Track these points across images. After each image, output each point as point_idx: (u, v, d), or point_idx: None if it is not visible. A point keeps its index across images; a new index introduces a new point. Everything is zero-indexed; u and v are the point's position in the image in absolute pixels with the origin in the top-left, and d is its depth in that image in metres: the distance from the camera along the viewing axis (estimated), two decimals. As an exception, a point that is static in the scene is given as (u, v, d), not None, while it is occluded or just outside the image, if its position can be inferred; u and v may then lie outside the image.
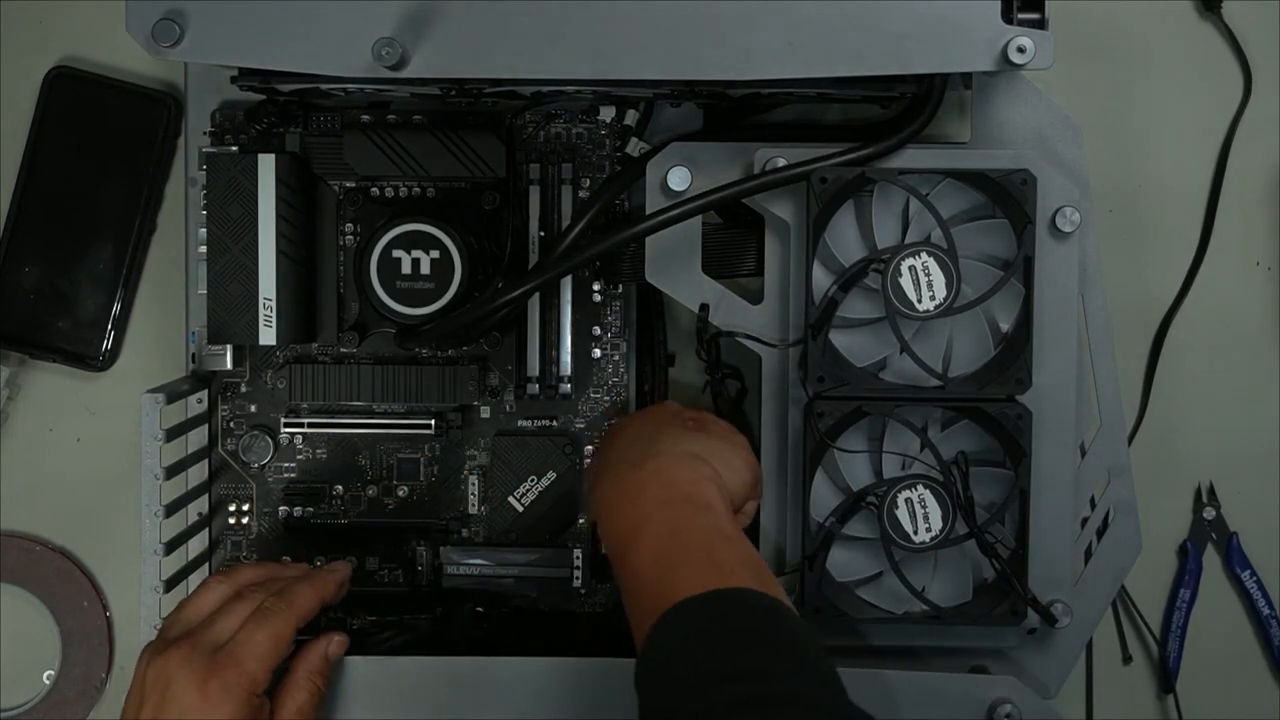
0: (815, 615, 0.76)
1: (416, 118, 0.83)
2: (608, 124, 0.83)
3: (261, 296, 0.79)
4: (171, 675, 0.68)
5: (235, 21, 0.69)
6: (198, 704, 0.67)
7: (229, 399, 0.85)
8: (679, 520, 0.67)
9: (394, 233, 0.79)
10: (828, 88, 0.74)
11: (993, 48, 0.69)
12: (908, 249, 0.74)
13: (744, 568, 0.65)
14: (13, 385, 0.89)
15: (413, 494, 0.85)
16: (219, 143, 0.83)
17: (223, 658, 0.68)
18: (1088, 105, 0.85)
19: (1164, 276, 0.89)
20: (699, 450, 0.72)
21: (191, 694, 0.67)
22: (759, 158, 0.77)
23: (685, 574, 0.64)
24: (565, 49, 0.69)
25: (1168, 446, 0.89)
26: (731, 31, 0.69)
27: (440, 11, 0.68)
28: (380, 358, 0.83)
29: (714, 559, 0.65)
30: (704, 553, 0.65)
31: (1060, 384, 0.78)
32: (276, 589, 0.72)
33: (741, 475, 0.73)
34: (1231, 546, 0.89)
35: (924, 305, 0.74)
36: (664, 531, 0.67)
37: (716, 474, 0.71)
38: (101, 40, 0.88)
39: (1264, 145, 0.88)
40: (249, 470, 0.85)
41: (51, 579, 0.90)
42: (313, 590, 0.73)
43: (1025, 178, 0.75)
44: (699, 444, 0.73)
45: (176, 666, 0.68)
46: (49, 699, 0.90)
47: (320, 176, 0.83)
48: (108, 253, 0.88)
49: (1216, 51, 0.88)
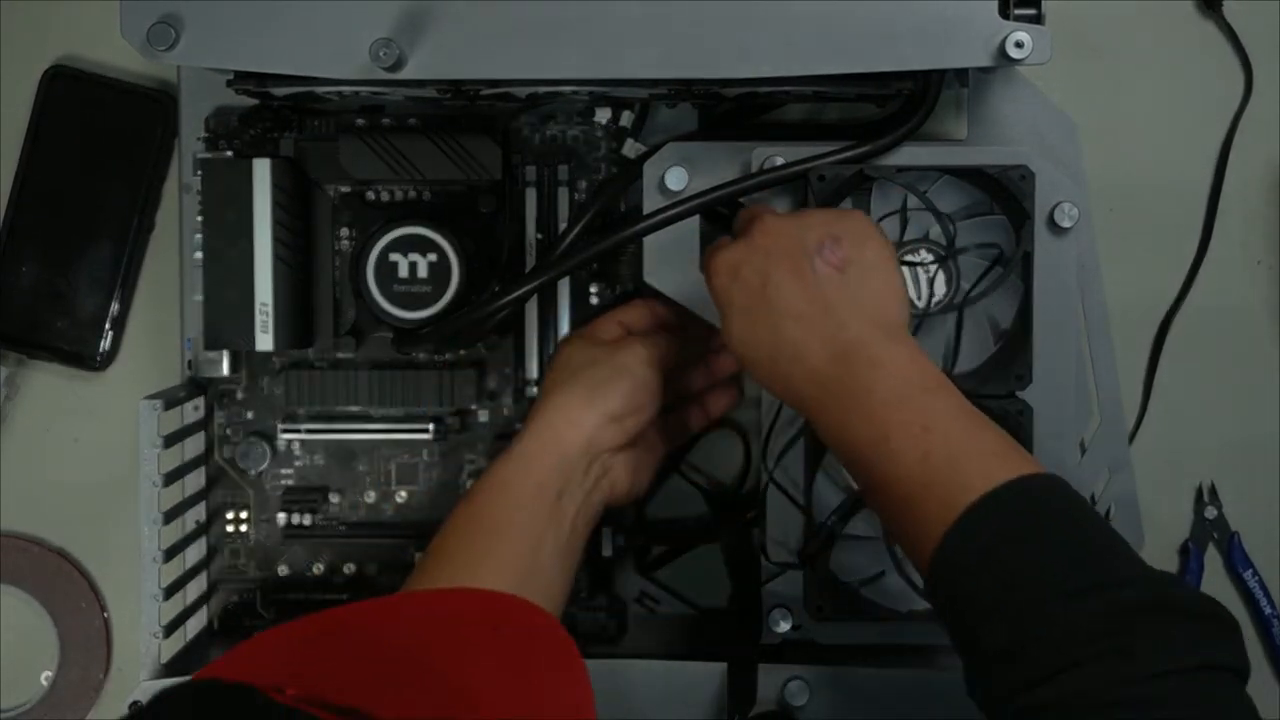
0: (818, 614, 0.76)
1: (411, 121, 0.82)
2: (604, 125, 0.83)
3: (258, 302, 0.79)
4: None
5: (231, 24, 0.69)
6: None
7: (226, 405, 0.84)
8: (925, 413, 0.63)
9: (390, 236, 0.79)
10: (824, 86, 0.74)
11: (990, 43, 0.68)
12: (907, 246, 0.74)
13: (1012, 450, 0.62)
14: (10, 385, 0.89)
15: (411, 499, 0.85)
16: (213, 148, 0.82)
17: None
18: (1088, 104, 0.85)
19: (1164, 276, 0.89)
20: (881, 310, 0.66)
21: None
22: (756, 156, 0.76)
23: (960, 474, 0.60)
24: (562, 49, 0.69)
25: (1168, 446, 0.88)
26: (728, 29, 0.68)
27: (437, 12, 0.68)
28: (377, 362, 0.83)
29: (982, 447, 0.62)
30: (969, 444, 0.62)
31: (1060, 380, 0.78)
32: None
33: (906, 298, 0.68)
34: (1233, 546, 0.89)
35: (923, 302, 0.74)
36: (915, 433, 0.62)
37: (906, 325, 0.67)
38: (99, 39, 0.88)
39: (1264, 145, 0.88)
40: (246, 477, 0.85)
41: (49, 580, 0.89)
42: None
43: (1023, 173, 0.75)
44: (872, 297, 0.66)
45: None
46: (47, 700, 0.89)
47: (315, 181, 0.83)
48: (106, 252, 0.88)
49: (1216, 50, 0.88)
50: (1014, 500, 0.59)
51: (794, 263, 0.67)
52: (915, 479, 0.62)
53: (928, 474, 0.61)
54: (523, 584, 0.68)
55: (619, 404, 0.73)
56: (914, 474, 0.62)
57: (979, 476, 0.60)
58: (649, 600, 0.86)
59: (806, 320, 0.66)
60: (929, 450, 0.62)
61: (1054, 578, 0.57)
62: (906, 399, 0.64)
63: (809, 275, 0.66)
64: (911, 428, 0.62)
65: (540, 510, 0.71)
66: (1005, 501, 0.59)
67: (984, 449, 0.62)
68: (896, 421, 0.63)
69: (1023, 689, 0.55)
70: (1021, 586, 0.57)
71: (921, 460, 0.62)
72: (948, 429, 0.63)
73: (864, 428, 0.64)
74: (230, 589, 0.85)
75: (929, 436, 0.62)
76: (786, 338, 0.66)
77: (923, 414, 0.63)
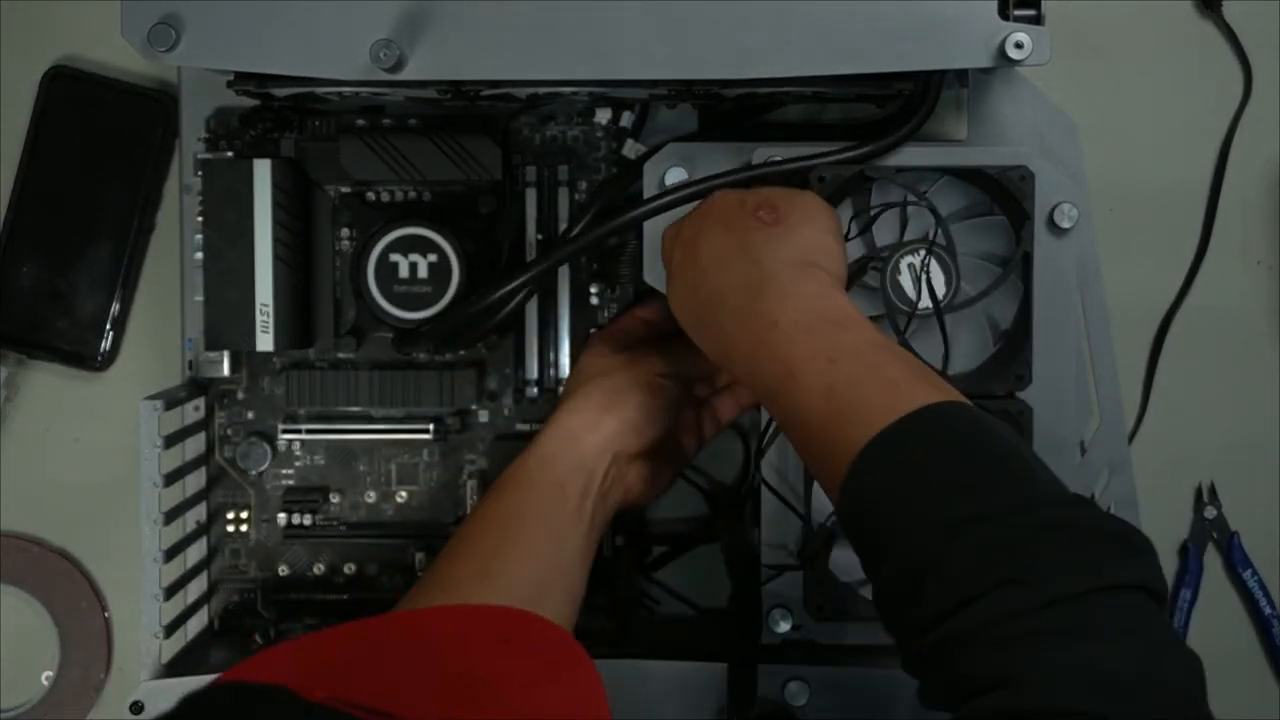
0: (818, 614, 0.76)
1: (411, 121, 0.82)
2: (604, 126, 0.83)
3: (258, 302, 0.79)
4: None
5: (232, 25, 0.68)
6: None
7: (226, 406, 0.84)
8: (830, 346, 0.62)
9: (391, 237, 0.79)
10: (824, 86, 0.74)
11: (990, 44, 0.68)
12: (907, 247, 0.74)
13: (919, 381, 0.60)
14: (11, 385, 0.89)
15: (412, 499, 0.85)
16: (214, 148, 0.82)
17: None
18: (1088, 105, 0.84)
19: (1164, 276, 0.89)
20: (800, 252, 0.67)
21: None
22: (756, 157, 0.76)
23: (863, 406, 0.59)
24: (562, 49, 0.68)
25: (1168, 446, 0.88)
26: (728, 30, 0.68)
27: (437, 13, 0.68)
28: (378, 363, 0.83)
29: (886, 378, 0.60)
30: (873, 375, 0.60)
31: (1060, 380, 0.77)
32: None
33: (838, 256, 0.69)
34: (1232, 546, 0.89)
35: (924, 302, 0.74)
36: (820, 365, 0.61)
37: (828, 272, 0.66)
38: (100, 39, 0.88)
39: (1264, 145, 0.88)
40: (247, 477, 0.85)
41: (50, 580, 0.90)
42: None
43: (1023, 174, 0.75)
44: (794, 243, 0.67)
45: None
46: (47, 700, 0.89)
47: (316, 181, 0.83)
48: (106, 252, 0.88)
49: (1216, 50, 0.88)
50: (914, 432, 0.57)
51: (726, 220, 0.68)
52: (820, 413, 0.60)
53: (832, 408, 0.60)
54: (548, 578, 0.69)
55: (637, 413, 0.74)
56: (819, 409, 0.60)
57: (881, 410, 0.58)
58: (649, 600, 0.86)
59: (727, 264, 0.67)
60: (833, 384, 0.60)
61: (951, 508, 0.54)
62: (811, 331, 0.63)
63: (738, 228, 0.67)
64: (816, 360, 0.61)
65: (564, 507, 0.72)
66: (904, 434, 0.57)
67: (889, 380, 0.60)
68: (801, 355, 0.62)
69: (927, 627, 0.53)
70: (919, 520, 0.55)
71: (826, 394, 0.60)
72: (853, 361, 0.61)
73: (771, 363, 0.63)
74: (231, 589, 0.85)
75: (834, 369, 0.61)
76: (707, 283, 0.67)
77: (828, 347, 0.62)
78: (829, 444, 0.60)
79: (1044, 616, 0.50)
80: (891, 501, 0.57)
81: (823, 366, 0.61)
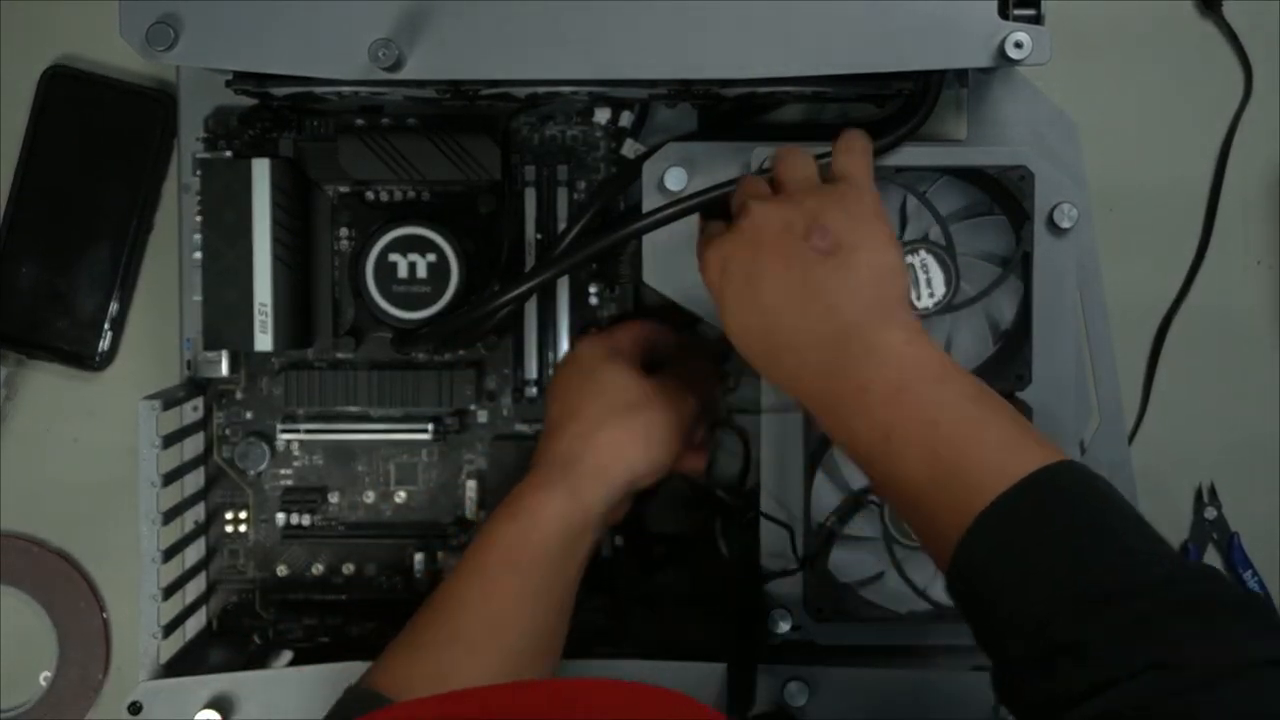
0: (818, 615, 0.76)
1: (411, 121, 0.82)
2: (603, 126, 0.83)
3: (257, 302, 0.79)
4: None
5: (230, 24, 0.68)
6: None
7: (225, 406, 0.84)
8: (929, 406, 0.59)
9: (390, 237, 0.79)
10: (824, 86, 0.74)
11: (990, 43, 0.68)
12: (906, 246, 0.74)
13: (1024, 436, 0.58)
14: (10, 385, 0.89)
15: (411, 499, 0.85)
16: (212, 148, 0.82)
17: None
18: (1088, 104, 0.84)
19: (1164, 276, 0.89)
20: (872, 288, 0.63)
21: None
22: (756, 156, 0.76)
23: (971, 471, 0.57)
24: (562, 49, 0.68)
25: (1168, 446, 0.88)
26: (728, 30, 0.68)
27: (437, 12, 0.68)
28: (376, 363, 0.83)
29: (992, 439, 0.58)
30: (977, 436, 0.58)
31: (1060, 380, 0.77)
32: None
33: (900, 267, 0.65)
34: (1233, 546, 0.89)
35: (923, 303, 0.74)
36: (919, 430, 0.59)
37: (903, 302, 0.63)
38: (99, 39, 0.88)
39: (1264, 145, 0.88)
40: (245, 477, 0.85)
41: (49, 580, 0.90)
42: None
43: (1023, 174, 0.75)
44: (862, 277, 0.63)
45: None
46: (46, 700, 0.89)
47: (315, 181, 0.83)
48: (105, 252, 0.88)
49: (1216, 51, 0.88)
50: (1030, 499, 0.56)
51: (781, 251, 0.64)
52: (923, 479, 0.58)
53: (936, 474, 0.58)
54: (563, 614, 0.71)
55: (666, 455, 0.73)
56: (921, 474, 0.58)
57: (992, 474, 0.56)
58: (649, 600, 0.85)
59: (797, 309, 0.63)
60: (935, 448, 0.58)
61: (1080, 583, 0.53)
62: (906, 389, 0.60)
63: (796, 263, 0.64)
64: (913, 423, 0.59)
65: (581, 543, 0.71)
66: (1020, 502, 0.56)
67: (995, 441, 0.58)
68: (898, 418, 0.60)
69: (1065, 705, 0.51)
70: (1046, 593, 0.54)
71: (929, 459, 0.58)
72: (955, 422, 0.59)
73: (865, 424, 0.61)
74: (229, 589, 0.85)
75: (934, 432, 0.59)
76: (779, 328, 0.64)
77: (926, 407, 0.60)
78: (935, 509, 0.58)
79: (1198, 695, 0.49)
80: (1014, 574, 0.55)
81: (922, 431, 0.59)
